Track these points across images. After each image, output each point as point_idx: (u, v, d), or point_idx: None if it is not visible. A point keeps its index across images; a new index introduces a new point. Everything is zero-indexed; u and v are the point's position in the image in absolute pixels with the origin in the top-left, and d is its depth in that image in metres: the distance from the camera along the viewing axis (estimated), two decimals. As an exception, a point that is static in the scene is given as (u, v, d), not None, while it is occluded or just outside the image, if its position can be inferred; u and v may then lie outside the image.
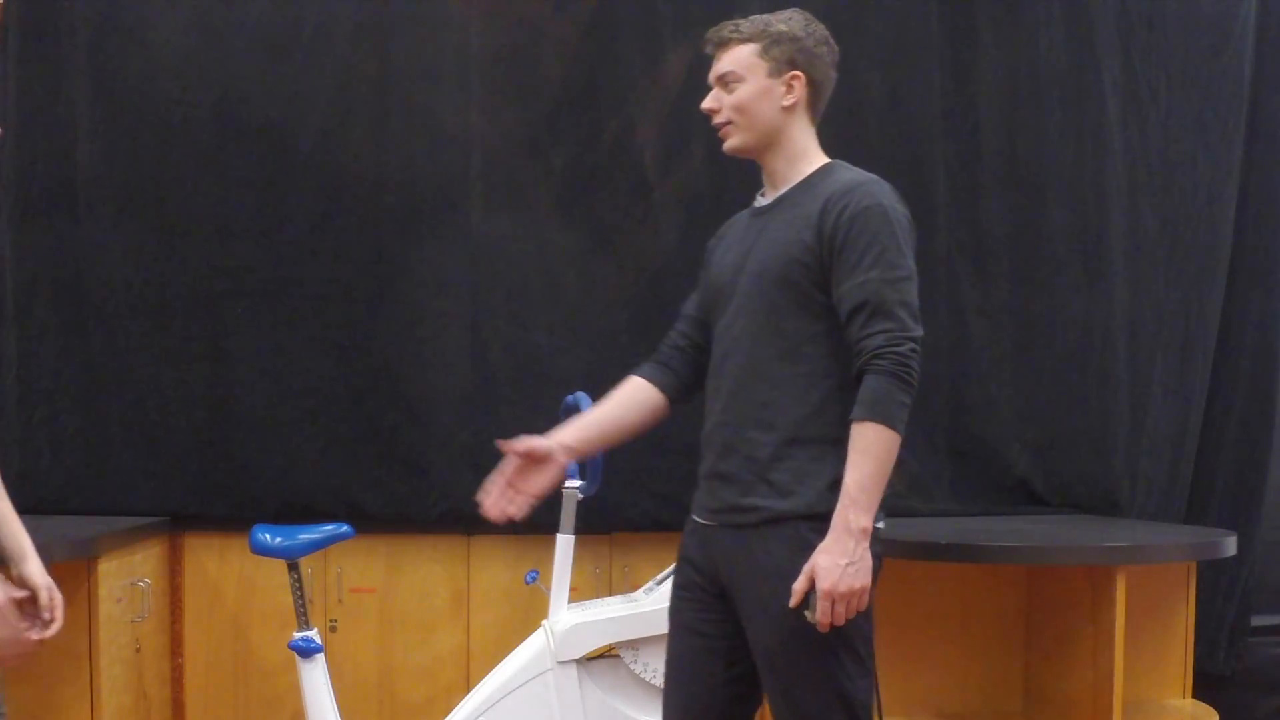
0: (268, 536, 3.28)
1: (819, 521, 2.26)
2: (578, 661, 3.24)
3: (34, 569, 2.34)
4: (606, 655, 3.33)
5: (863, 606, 2.24)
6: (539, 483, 2.48)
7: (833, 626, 2.24)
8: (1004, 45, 4.08)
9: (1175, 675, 3.77)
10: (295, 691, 3.42)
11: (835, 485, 2.26)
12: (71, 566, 3.18)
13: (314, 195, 3.81)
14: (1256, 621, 4.32)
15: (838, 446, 2.28)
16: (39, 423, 3.72)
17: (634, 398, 2.60)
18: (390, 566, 3.86)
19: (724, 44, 2.47)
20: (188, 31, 3.74)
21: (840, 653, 2.30)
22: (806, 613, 2.23)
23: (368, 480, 3.80)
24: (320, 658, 3.35)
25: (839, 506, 2.23)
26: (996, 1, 4.08)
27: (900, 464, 3.92)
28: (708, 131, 3.92)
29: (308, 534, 3.34)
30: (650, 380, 2.61)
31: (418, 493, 3.81)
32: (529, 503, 2.47)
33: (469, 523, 3.84)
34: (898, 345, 2.24)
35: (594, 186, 3.90)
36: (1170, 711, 3.69)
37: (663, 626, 3.16)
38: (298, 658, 3.34)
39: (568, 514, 3.35)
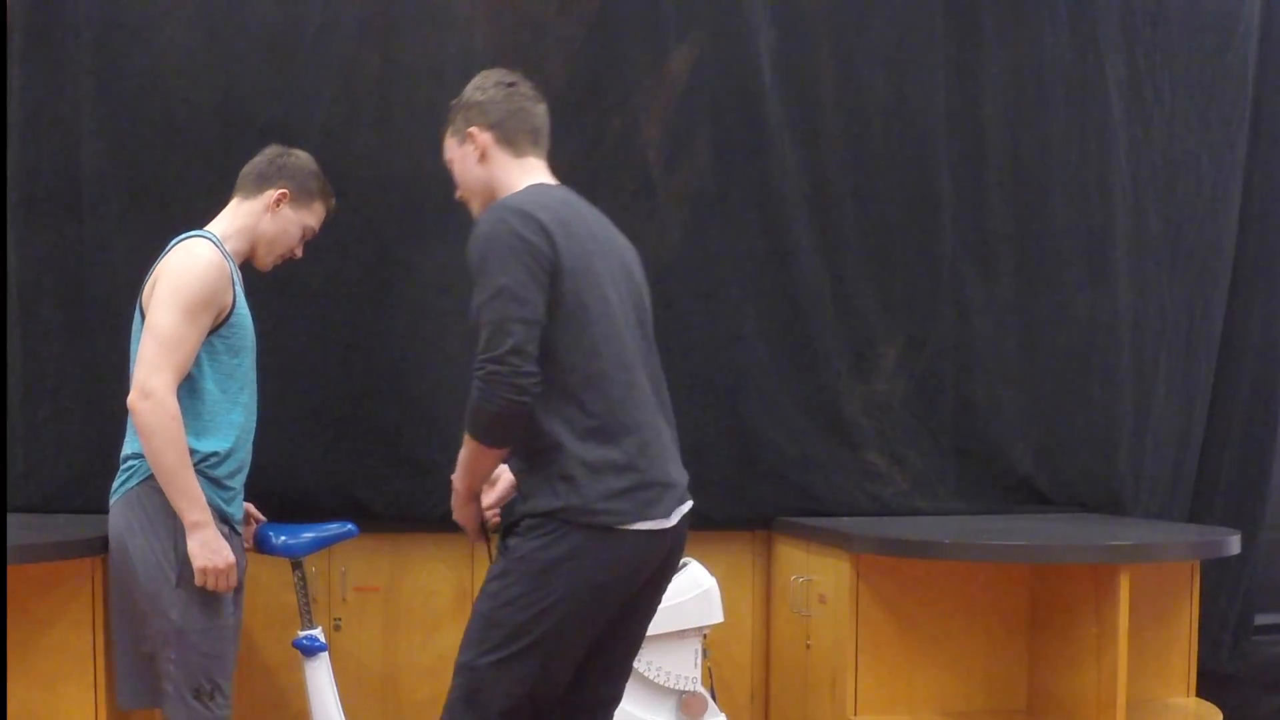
0: (272, 535, 3.28)
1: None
2: (582, 660, 3.24)
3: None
4: (610, 654, 3.32)
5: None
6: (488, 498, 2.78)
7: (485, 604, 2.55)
8: (1008, 44, 4.09)
9: (1179, 674, 3.78)
10: (299, 690, 3.42)
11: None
12: (75, 565, 3.18)
13: (317, 194, 3.80)
14: (1260, 620, 4.33)
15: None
16: (43, 421, 3.72)
17: None
18: (395, 565, 3.86)
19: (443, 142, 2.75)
20: (192, 30, 3.73)
21: (484, 626, 2.54)
22: None
23: (372, 479, 3.80)
24: (324, 656, 3.35)
25: None
26: (1000, 1, 4.08)
27: (903, 462, 4.01)
28: (712, 130, 3.97)
29: (312, 533, 3.34)
30: None
31: (422, 491, 3.80)
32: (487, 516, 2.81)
33: (473, 521, 3.85)
34: (478, 370, 2.40)
35: (597, 185, 3.89)
36: (1174, 710, 3.69)
37: (663, 626, 3.18)
38: (302, 656, 3.34)
39: (571, 513, 3.35)
